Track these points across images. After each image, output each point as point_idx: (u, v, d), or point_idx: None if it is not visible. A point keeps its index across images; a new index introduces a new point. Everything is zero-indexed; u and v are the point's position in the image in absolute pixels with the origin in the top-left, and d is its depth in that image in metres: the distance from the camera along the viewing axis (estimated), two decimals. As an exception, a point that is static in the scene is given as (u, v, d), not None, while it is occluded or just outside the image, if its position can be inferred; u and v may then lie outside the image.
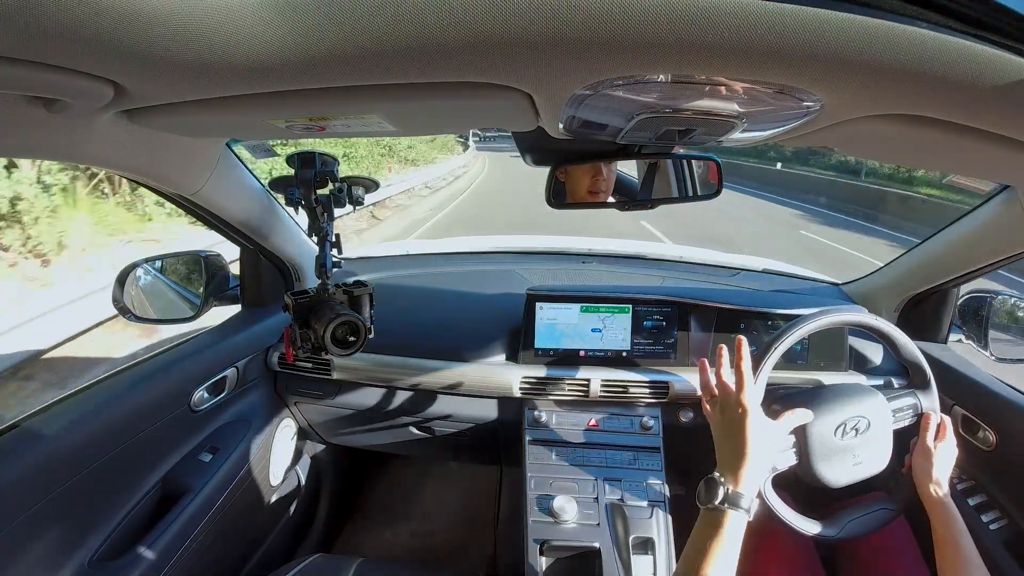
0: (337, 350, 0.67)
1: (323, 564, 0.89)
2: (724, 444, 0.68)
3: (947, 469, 0.78)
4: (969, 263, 0.96)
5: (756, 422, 0.67)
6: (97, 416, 0.77)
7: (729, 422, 0.68)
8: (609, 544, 0.86)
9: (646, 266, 1.46)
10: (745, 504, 0.61)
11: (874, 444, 0.80)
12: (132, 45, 0.32)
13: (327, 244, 0.74)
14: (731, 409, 0.69)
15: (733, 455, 0.66)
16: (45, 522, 0.67)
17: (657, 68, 0.36)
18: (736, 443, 0.66)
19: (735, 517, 0.60)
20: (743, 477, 0.63)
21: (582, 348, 1.09)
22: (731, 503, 0.60)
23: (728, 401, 0.70)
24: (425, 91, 0.42)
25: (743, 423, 0.67)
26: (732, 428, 0.68)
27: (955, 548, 0.69)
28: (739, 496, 0.61)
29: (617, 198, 0.96)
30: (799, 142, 0.60)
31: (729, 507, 0.60)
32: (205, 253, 1.09)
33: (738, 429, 0.67)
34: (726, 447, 0.68)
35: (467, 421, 1.14)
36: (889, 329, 0.86)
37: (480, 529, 1.55)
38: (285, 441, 1.22)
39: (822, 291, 1.31)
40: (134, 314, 1.01)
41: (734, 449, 0.66)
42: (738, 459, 0.65)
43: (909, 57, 0.32)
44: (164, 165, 0.70)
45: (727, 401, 0.70)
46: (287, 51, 0.34)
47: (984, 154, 0.50)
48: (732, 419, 0.68)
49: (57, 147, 0.53)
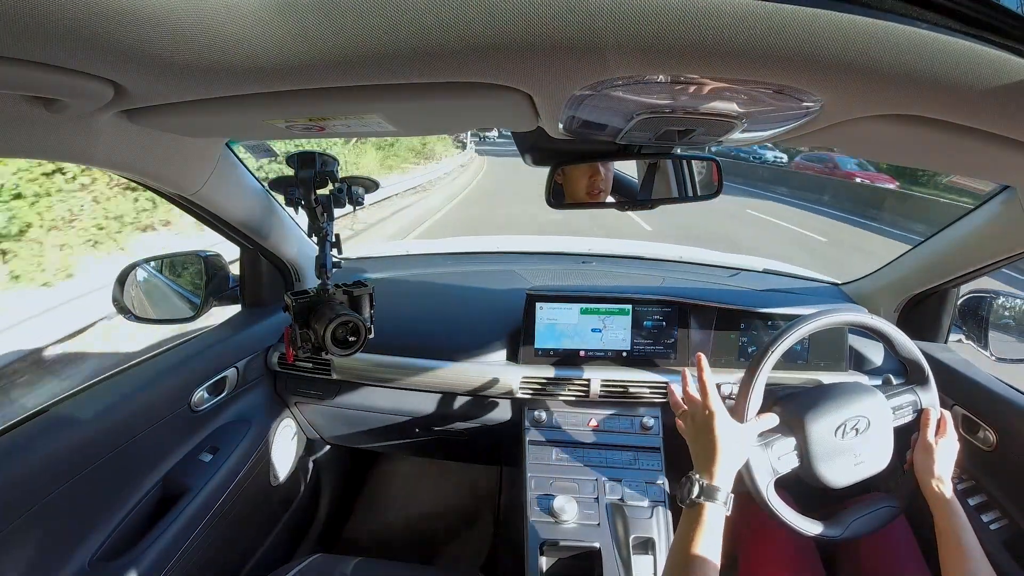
0: (337, 350, 0.67)
1: (323, 564, 0.89)
2: (696, 445, 0.73)
3: (949, 465, 0.78)
4: (969, 263, 0.96)
5: (723, 422, 0.71)
6: (97, 416, 0.77)
7: (699, 426, 0.73)
8: (609, 544, 0.86)
9: (646, 266, 1.46)
10: (721, 497, 0.64)
11: (874, 443, 0.80)
12: (132, 45, 0.32)
13: (327, 244, 0.74)
14: (699, 414, 0.74)
15: (705, 453, 0.70)
16: (45, 522, 0.67)
17: (657, 68, 0.36)
18: (706, 442, 0.70)
19: (712, 510, 0.63)
20: (716, 472, 0.67)
21: (582, 348, 1.09)
22: (707, 496, 0.64)
23: (696, 409, 0.75)
24: (425, 91, 0.42)
25: (711, 424, 0.71)
26: (702, 430, 0.72)
27: (958, 543, 0.69)
28: (714, 489, 0.65)
29: (617, 198, 0.96)
30: (799, 142, 0.60)
31: (705, 500, 0.64)
32: (205, 253, 1.09)
33: (707, 430, 0.71)
34: (699, 447, 0.72)
35: (467, 421, 1.14)
36: (886, 327, 0.86)
37: (480, 529, 1.55)
38: (285, 441, 1.22)
39: (822, 291, 1.31)
40: (134, 314, 1.01)
41: (705, 448, 0.70)
42: (710, 456, 0.69)
43: (909, 57, 0.32)
44: (164, 165, 0.70)
45: (695, 410, 0.75)
46: (287, 51, 0.34)
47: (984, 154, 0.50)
48: (701, 423, 0.73)
49: (57, 147, 0.53)
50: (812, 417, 0.79)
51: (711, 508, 0.63)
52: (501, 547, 1.44)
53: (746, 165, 16.54)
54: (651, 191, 0.97)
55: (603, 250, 1.58)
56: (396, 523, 1.59)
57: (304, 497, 1.36)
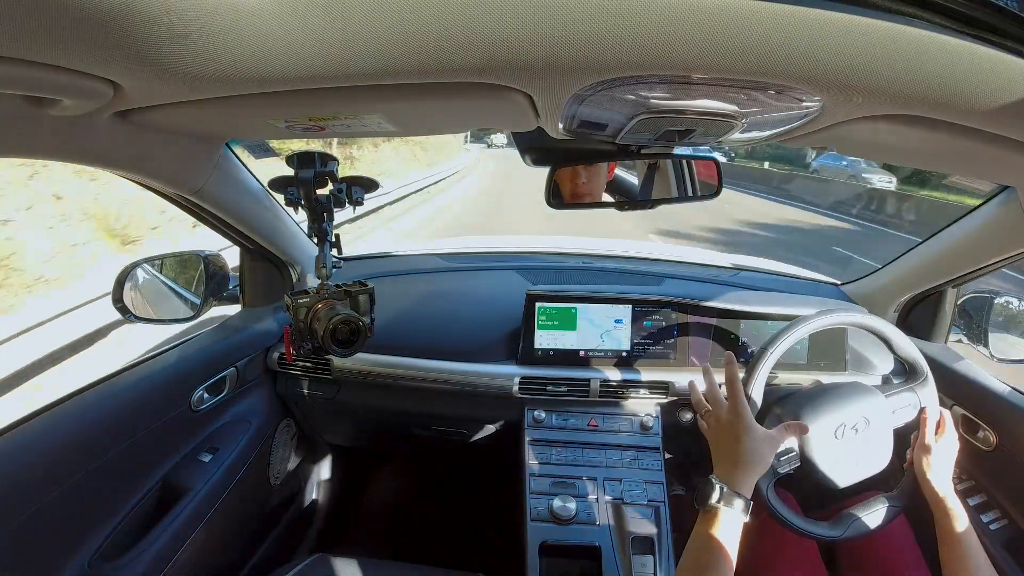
0: (337, 350, 0.67)
1: (323, 564, 0.89)
2: (719, 449, 0.71)
3: (949, 464, 0.78)
4: (969, 263, 0.96)
5: (750, 428, 0.69)
6: (97, 416, 0.77)
7: (725, 428, 0.71)
8: (609, 544, 0.86)
9: (646, 266, 1.46)
10: (740, 505, 0.62)
11: (874, 443, 0.80)
12: (132, 45, 0.32)
13: (327, 244, 0.74)
14: (725, 417, 0.72)
15: (729, 458, 0.68)
16: (45, 522, 0.67)
17: (657, 68, 0.36)
18: (731, 447, 0.68)
19: (731, 517, 0.61)
20: (739, 478, 0.65)
21: (582, 348, 1.09)
22: (727, 503, 0.62)
23: (721, 411, 0.73)
24: (425, 91, 0.42)
25: (737, 429, 0.69)
26: (727, 434, 0.70)
27: (958, 542, 0.69)
28: (735, 497, 0.62)
29: (617, 198, 0.96)
30: (799, 142, 0.60)
31: (725, 507, 0.62)
32: (205, 253, 1.09)
33: (733, 434, 0.69)
34: (722, 451, 0.70)
35: (467, 421, 1.14)
36: (885, 328, 0.86)
37: (480, 528, 1.55)
38: (285, 441, 1.22)
39: (822, 291, 1.31)
40: (134, 314, 1.01)
41: (729, 453, 0.68)
42: (734, 462, 0.67)
43: (909, 57, 0.32)
44: (164, 165, 0.70)
45: (721, 411, 0.73)
46: (287, 51, 0.34)
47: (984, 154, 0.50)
48: (726, 426, 0.71)
49: (57, 147, 0.53)
50: (812, 418, 0.79)
51: (730, 516, 0.61)
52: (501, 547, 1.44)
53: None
54: (651, 191, 0.97)
55: (603, 250, 1.58)
56: (396, 523, 1.59)
57: (304, 497, 1.36)
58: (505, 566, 0.90)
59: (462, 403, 1.11)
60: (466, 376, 1.07)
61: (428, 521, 1.60)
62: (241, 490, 1.01)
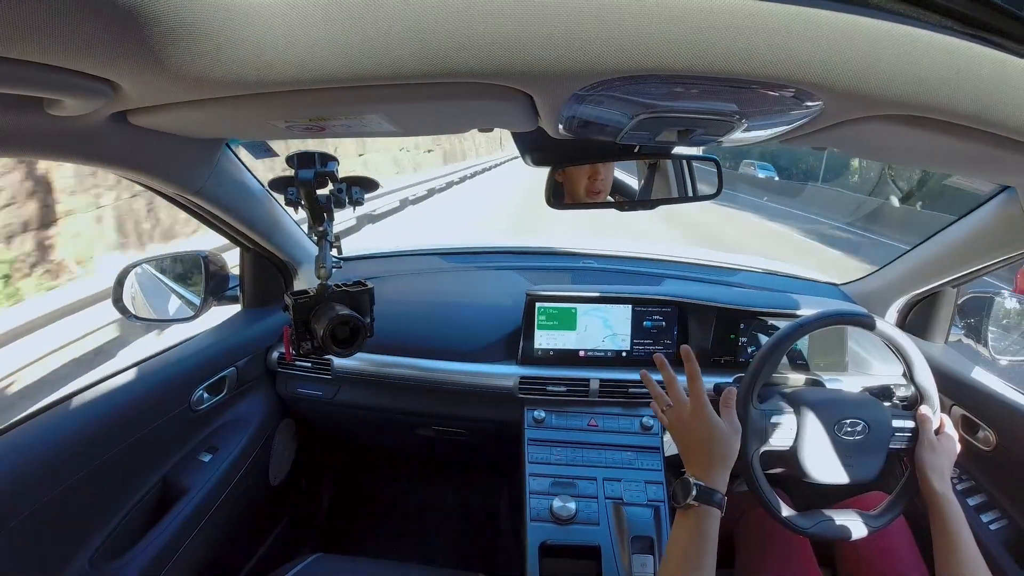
0: (337, 350, 0.67)
1: (323, 564, 0.89)
2: (689, 449, 0.70)
3: (949, 463, 0.78)
4: (969, 263, 0.96)
5: (716, 425, 0.68)
6: (97, 416, 0.77)
7: (691, 428, 0.70)
8: (609, 544, 0.86)
9: (646, 266, 1.46)
10: (716, 500, 0.63)
11: (868, 452, 0.80)
12: (132, 45, 0.32)
13: (327, 244, 0.74)
14: (685, 411, 0.70)
15: (699, 457, 0.67)
16: (45, 521, 0.67)
17: (657, 69, 0.36)
18: (696, 441, 0.68)
19: (708, 513, 0.62)
20: (709, 473, 0.65)
21: (582, 348, 1.09)
22: (703, 500, 0.63)
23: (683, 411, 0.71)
24: (425, 91, 0.42)
25: (704, 428, 0.68)
26: (689, 428, 0.69)
27: (954, 541, 0.69)
28: (710, 492, 0.63)
29: (617, 198, 0.96)
30: (799, 142, 0.59)
31: (702, 504, 0.62)
32: (205, 253, 1.09)
33: (701, 434, 0.68)
34: (692, 451, 0.69)
35: (466, 421, 1.14)
36: (885, 328, 0.84)
37: (480, 528, 1.55)
38: (285, 441, 1.22)
39: (822, 291, 1.31)
40: (133, 314, 1.01)
41: (696, 447, 0.68)
42: (706, 460, 0.67)
43: (909, 57, 0.32)
44: (164, 165, 0.70)
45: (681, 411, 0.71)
46: (287, 52, 0.34)
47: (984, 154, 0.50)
48: (693, 426, 0.69)
49: (57, 147, 0.53)
50: (818, 404, 0.80)
51: (708, 512, 0.62)
52: (501, 547, 1.44)
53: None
54: (651, 191, 0.97)
55: (603, 250, 1.58)
56: (396, 523, 1.59)
57: (304, 497, 1.36)
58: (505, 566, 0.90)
59: (462, 403, 1.11)
60: (466, 376, 1.07)
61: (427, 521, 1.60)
62: (241, 490, 1.01)
